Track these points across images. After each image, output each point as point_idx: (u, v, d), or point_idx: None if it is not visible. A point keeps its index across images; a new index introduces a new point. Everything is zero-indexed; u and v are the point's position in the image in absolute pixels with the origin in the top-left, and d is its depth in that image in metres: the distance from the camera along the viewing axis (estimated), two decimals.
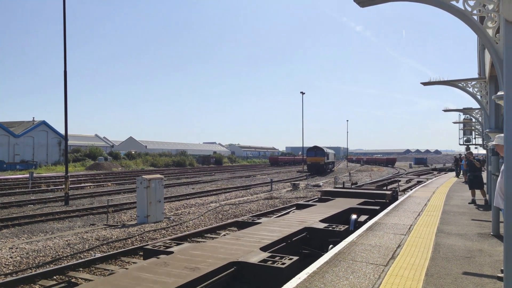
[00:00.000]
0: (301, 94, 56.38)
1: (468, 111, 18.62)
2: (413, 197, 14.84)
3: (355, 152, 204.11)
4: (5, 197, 21.00)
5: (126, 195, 22.68)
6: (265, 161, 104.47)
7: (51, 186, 27.09)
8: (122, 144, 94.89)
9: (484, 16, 4.74)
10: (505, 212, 3.75)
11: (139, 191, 13.48)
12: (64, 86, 19.29)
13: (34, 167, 47.50)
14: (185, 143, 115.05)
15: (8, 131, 52.57)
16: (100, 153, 61.70)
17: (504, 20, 3.77)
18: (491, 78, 10.43)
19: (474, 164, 13.03)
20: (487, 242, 7.33)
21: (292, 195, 22.26)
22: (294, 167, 68.00)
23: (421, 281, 5.00)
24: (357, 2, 5.29)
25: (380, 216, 10.16)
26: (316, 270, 5.38)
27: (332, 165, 55.92)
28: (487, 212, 10.77)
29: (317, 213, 9.85)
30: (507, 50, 3.73)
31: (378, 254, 6.26)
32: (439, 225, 8.99)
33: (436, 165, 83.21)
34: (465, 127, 30.59)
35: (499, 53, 4.64)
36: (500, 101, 4.02)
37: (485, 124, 13.03)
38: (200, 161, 75.74)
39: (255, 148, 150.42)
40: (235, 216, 14.88)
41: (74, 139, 71.71)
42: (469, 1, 4.79)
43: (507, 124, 3.71)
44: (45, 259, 8.85)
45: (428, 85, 12.78)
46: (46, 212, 15.62)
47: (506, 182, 3.73)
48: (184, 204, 18.25)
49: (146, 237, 11.12)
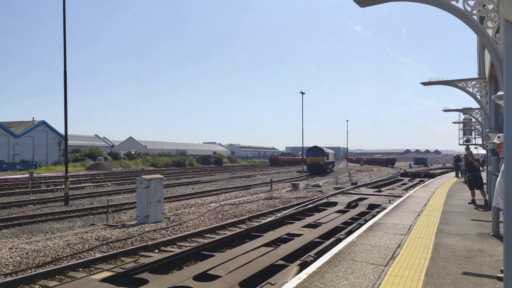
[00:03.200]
0: (301, 94, 56.41)
1: (468, 111, 18.63)
2: (413, 197, 14.84)
3: (355, 152, 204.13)
4: (5, 197, 20.99)
5: (126, 195, 22.67)
6: (265, 161, 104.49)
7: (51, 186, 27.08)
8: (122, 144, 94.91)
9: (484, 16, 4.74)
10: (505, 212, 3.75)
11: (139, 191, 13.48)
12: (64, 86, 19.29)
13: (34, 167, 47.50)
14: (185, 143, 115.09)
15: (8, 131, 52.58)
16: (100, 153, 61.69)
17: (504, 20, 3.76)
18: (491, 78, 10.43)
19: (473, 164, 13.06)
20: (487, 242, 7.33)
21: (292, 195, 22.25)
22: (294, 167, 67.98)
23: (421, 281, 5.00)
24: (357, 2, 5.28)
25: (380, 216, 10.17)
26: (316, 270, 5.38)
27: (332, 165, 55.91)
28: (487, 212, 10.77)
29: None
30: (507, 50, 3.73)
31: (378, 254, 6.26)
32: (439, 225, 8.99)
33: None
34: (465, 127, 30.61)
35: (499, 53, 4.64)
36: (500, 101, 4.02)
37: (485, 124, 13.03)
38: (200, 161, 75.73)
39: (255, 148, 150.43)
40: (235, 216, 14.87)
41: (74, 139, 71.72)
42: (469, 1, 4.79)
43: (507, 124, 3.71)
44: (45, 259, 8.84)
45: (428, 85, 12.79)
46: (46, 212, 15.61)
47: (506, 182, 3.73)
48: (184, 204, 18.24)
49: (146, 237, 11.11)
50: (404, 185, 26.99)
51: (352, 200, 16.66)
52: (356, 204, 15.88)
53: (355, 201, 16.35)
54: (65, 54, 19.27)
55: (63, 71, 19.31)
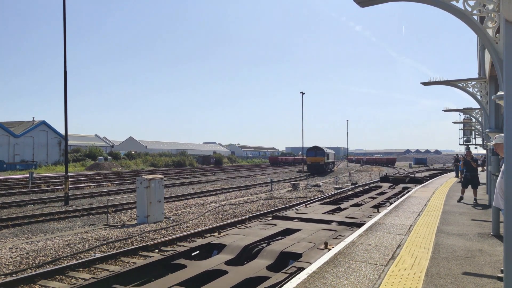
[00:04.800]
0: (301, 94, 56.42)
1: (468, 111, 18.62)
2: (413, 197, 14.84)
3: (355, 152, 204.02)
4: (5, 197, 20.99)
5: (126, 195, 22.67)
6: (265, 161, 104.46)
7: (51, 186, 27.08)
8: (122, 144, 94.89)
9: (484, 16, 4.74)
10: (505, 212, 3.75)
11: (139, 191, 13.48)
12: (64, 86, 19.29)
13: (34, 167, 47.49)
14: (185, 143, 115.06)
15: (8, 131, 52.57)
16: (100, 153, 61.69)
17: (504, 20, 3.76)
18: (491, 78, 10.42)
19: (471, 164, 13.30)
20: (487, 242, 7.33)
21: (292, 195, 22.25)
22: (294, 167, 67.97)
23: (421, 281, 5.00)
24: (357, 2, 5.28)
25: (380, 216, 10.17)
26: (316, 270, 5.38)
27: (332, 165, 55.91)
28: (487, 212, 10.78)
29: None
30: (507, 50, 3.73)
31: (378, 254, 6.26)
32: (439, 225, 8.99)
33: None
34: (465, 127, 30.58)
35: (499, 53, 4.64)
36: (500, 101, 4.02)
37: (485, 124, 13.04)
38: (200, 161, 75.72)
39: (255, 148, 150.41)
40: (235, 216, 14.88)
41: (74, 139, 71.72)
42: (469, 1, 4.78)
43: (507, 124, 3.71)
44: (45, 259, 8.84)
45: (428, 85, 12.79)
46: (46, 212, 15.61)
47: (506, 182, 3.73)
48: (184, 204, 18.24)
49: (146, 237, 11.12)
50: (381, 195, 18.60)
51: (253, 242, 8.21)
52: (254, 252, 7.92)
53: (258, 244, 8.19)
54: (65, 54, 19.27)
55: (63, 71, 19.32)
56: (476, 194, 13.27)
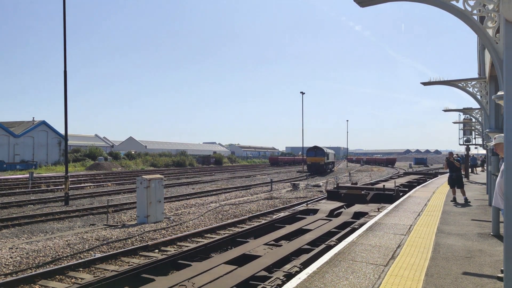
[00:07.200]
0: (301, 94, 56.42)
1: (468, 111, 18.63)
2: (413, 197, 14.84)
3: (355, 152, 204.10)
4: (5, 197, 20.99)
5: (126, 195, 22.67)
6: (265, 161, 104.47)
7: (51, 186, 27.08)
8: (122, 144, 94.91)
9: (484, 16, 4.74)
10: (505, 212, 3.75)
11: (139, 191, 13.48)
12: (64, 86, 19.29)
13: (34, 167, 47.50)
14: (185, 143, 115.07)
15: (8, 131, 52.58)
16: (100, 153, 61.69)
17: (504, 20, 3.76)
18: (491, 78, 10.43)
19: (455, 164, 13.36)
20: (487, 242, 7.33)
21: (292, 195, 22.26)
22: (294, 167, 67.98)
23: (421, 281, 5.00)
24: (357, 2, 5.29)
25: (380, 216, 10.17)
26: (316, 270, 5.38)
27: (332, 165, 55.91)
28: (487, 212, 10.78)
29: None
30: (507, 50, 3.73)
31: (378, 254, 6.26)
32: (439, 225, 8.99)
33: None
34: (465, 127, 30.53)
35: (499, 53, 4.65)
36: (500, 101, 4.02)
37: (485, 124, 13.05)
38: (200, 161, 75.72)
39: (255, 148, 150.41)
40: (235, 216, 14.88)
41: (74, 139, 71.73)
42: (469, 1, 4.79)
43: (507, 124, 3.71)
44: (45, 259, 8.84)
45: (428, 85, 12.81)
46: (46, 212, 15.61)
47: (506, 182, 3.73)
48: (184, 204, 18.24)
49: (146, 237, 11.12)
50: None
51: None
52: None
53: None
54: (65, 54, 19.27)
55: (63, 71, 19.32)
56: (464, 193, 13.36)
